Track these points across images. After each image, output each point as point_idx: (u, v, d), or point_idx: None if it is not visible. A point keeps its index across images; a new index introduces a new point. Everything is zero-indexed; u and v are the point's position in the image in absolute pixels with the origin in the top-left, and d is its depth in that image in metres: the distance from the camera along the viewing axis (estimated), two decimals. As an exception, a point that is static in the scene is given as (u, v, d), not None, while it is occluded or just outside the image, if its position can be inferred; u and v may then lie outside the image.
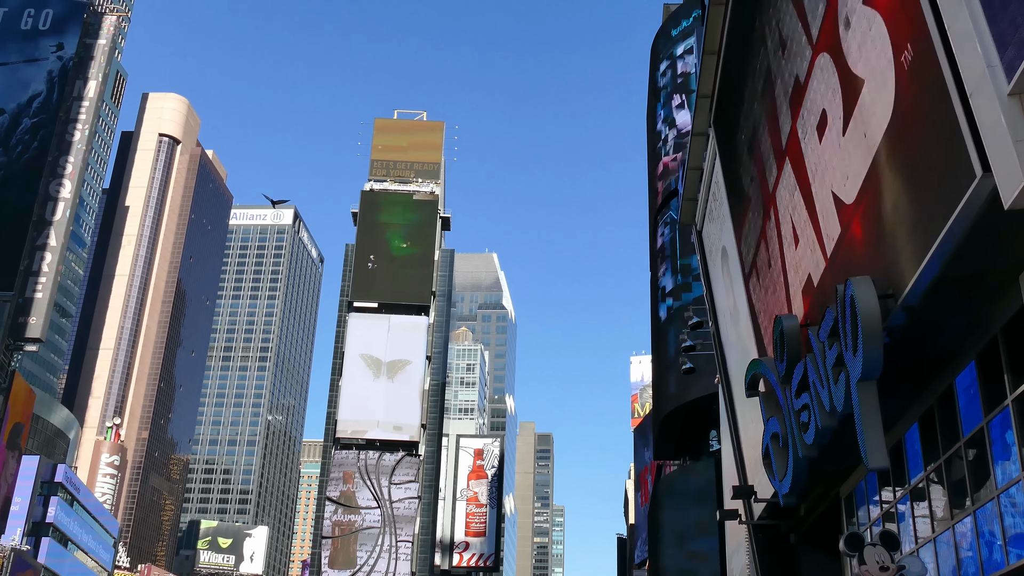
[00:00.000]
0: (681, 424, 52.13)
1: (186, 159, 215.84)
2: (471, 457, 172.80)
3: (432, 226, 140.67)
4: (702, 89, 32.97)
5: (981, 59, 12.08)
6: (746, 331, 29.38)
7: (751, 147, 27.34)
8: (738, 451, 31.96)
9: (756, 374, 23.70)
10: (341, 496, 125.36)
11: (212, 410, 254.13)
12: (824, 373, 18.24)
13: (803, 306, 22.06)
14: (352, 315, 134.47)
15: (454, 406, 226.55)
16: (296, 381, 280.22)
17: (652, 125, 62.66)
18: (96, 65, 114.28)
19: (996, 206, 12.22)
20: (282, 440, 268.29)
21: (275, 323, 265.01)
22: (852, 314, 16.21)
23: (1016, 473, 15.50)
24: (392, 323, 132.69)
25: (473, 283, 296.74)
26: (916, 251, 14.90)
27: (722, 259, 33.69)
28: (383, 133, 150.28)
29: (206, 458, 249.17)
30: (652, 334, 57.65)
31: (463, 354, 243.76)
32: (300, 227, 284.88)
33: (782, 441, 21.88)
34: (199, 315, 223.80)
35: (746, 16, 26.85)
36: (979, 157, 12.34)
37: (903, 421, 20.86)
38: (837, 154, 18.90)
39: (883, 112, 16.09)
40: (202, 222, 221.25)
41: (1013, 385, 15.55)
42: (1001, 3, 11.74)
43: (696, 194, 37.76)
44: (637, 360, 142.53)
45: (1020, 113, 11.64)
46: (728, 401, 33.63)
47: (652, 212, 60.16)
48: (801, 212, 22.15)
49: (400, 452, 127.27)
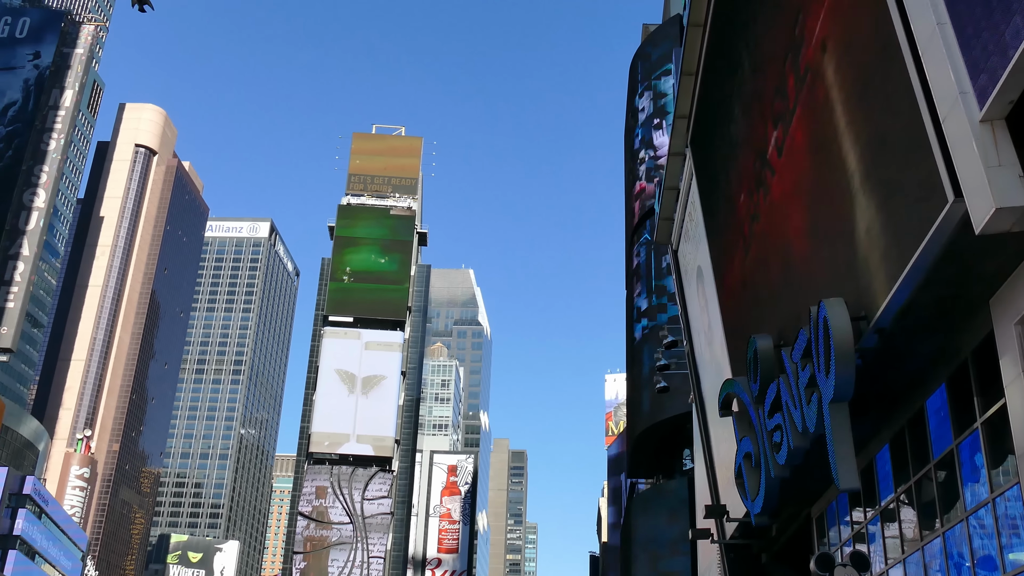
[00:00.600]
0: (655, 443, 52.20)
1: (162, 170, 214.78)
2: (444, 473, 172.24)
3: (408, 241, 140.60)
4: (680, 110, 33.19)
5: (954, 86, 12.23)
6: (720, 351, 29.49)
7: (728, 168, 27.52)
8: (711, 470, 32.03)
9: (730, 394, 23.79)
10: (313, 511, 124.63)
11: (184, 423, 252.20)
12: (797, 394, 18.35)
13: (777, 326, 22.18)
14: (327, 329, 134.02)
15: (428, 422, 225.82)
16: (270, 395, 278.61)
17: (630, 145, 62.96)
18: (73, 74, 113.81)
19: (968, 231, 12.36)
20: (254, 454, 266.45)
21: (249, 336, 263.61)
22: (825, 336, 16.33)
23: (985, 495, 15.62)
24: (367, 338, 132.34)
25: (449, 299, 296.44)
26: (888, 274, 15.03)
27: (697, 279, 33.83)
28: (361, 147, 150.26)
29: (177, 471, 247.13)
30: (627, 353, 57.78)
31: (438, 370, 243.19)
32: (276, 240, 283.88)
33: (754, 461, 21.96)
34: (173, 327, 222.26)
35: (724, 38, 27.09)
36: (951, 182, 12.48)
37: (874, 442, 20.99)
38: (812, 176, 19.06)
39: (858, 136, 16.25)
40: (177, 234, 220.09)
41: (983, 408, 15.69)
42: (974, 31, 11.91)
43: (672, 214, 37.94)
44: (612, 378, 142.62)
45: (992, 139, 11.78)
46: (702, 420, 33.71)
47: (628, 232, 60.39)
48: (776, 233, 22.31)
49: (373, 467, 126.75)
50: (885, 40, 14.40)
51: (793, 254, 21.07)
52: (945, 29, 12.52)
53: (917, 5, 13.25)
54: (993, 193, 11.55)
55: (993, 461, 15.48)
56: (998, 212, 11.54)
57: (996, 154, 11.69)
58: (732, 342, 27.70)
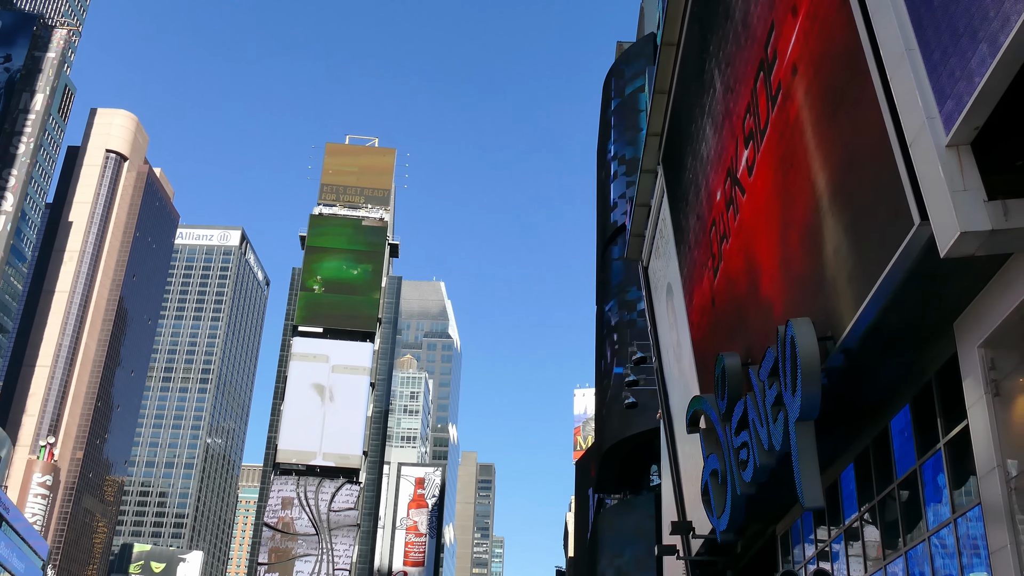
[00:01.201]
0: (622, 458, 52.30)
1: (133, 176, 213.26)
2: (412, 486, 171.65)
3: (380, 253, 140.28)
4: (652, 127, 33.38)
5: (921, 111, 12.39)
6: (688, 368, 29.63)
7: (698, 186, 27.71)
8: (678, 487, 32.13)
9: (697, 410, 23.90)
10: (279, 522, 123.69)
11: (150, 431, 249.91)
12: (763, 412, 18.47)
13: (745, 345, 22.32)
14: (296, 339, 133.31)
15: (397, 434, 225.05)
16: (237, 404, 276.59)
17: (602, 160, 63.23)
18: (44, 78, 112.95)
19: (933, 254, 12.51)
20: (220, 464, 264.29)
21: (218, 345, 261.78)
22: (792, 355, 16.46)
23: (947, 516, 15.78)
24: (337, 349, 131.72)
25: (420, 311, 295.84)
26: (855, 295, 15.19)
27: (667, 296, 33.99)
28: (334, 158, 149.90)
29: (142, 480, 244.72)
30: (596, 367, 57.87)
31: (407, 382, 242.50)
32: (247, 249, 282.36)
33: (721, 478, 22.07)
34: (140, 334, 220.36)
35: (697, 58, 27.30)
36: (917, 206, 12.63)
37: (839, 461, 21.15)
38: (782, 197, 19.23)
39: (827, 158, 16.43)
40: (147, 240, 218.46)
41: (946, 429, 15.87)
42: (941, 57, 12.09)
43: (643, 230, 38.12)
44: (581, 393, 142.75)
45: (957, 164, 11.94)
46: (669, 437, 33.82)
47: (600, 247, 60.59)
48: (745, 252, 22.48)
49: (340, 479, 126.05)
50: (855, 64, 14.58)
51: (762, 273, 21.24)
52: (913, 55, 12.69)
53: (886, 30, 13.43)
54: (958, 217, 11.70)
55: (955, 482, 15.65)
56: (963, 236, 11.70)
57: (961, 179, 11.85)
58: (700, 359, 27.85)
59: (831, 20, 15.76)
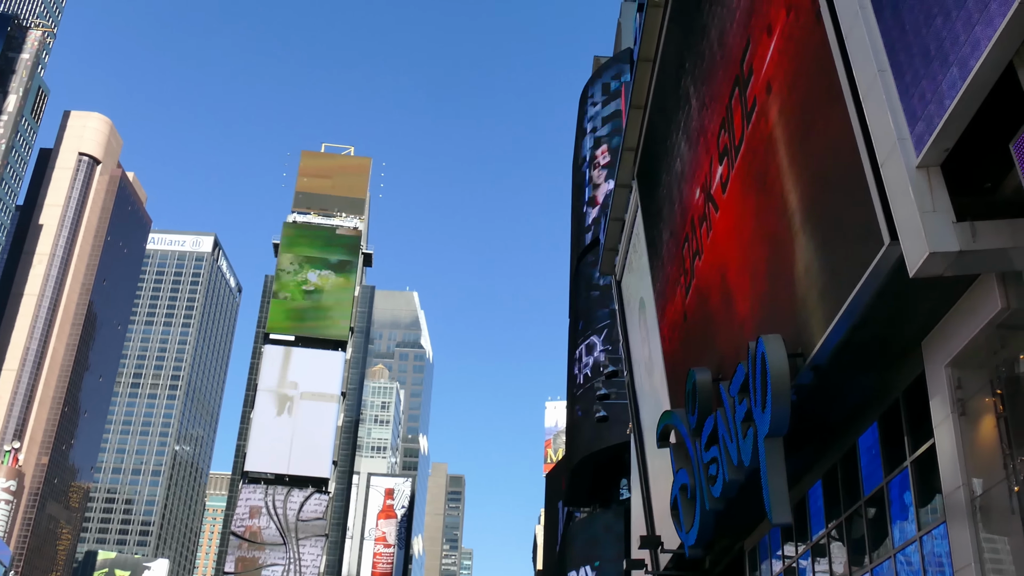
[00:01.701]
0: (592, 471, 52.30)
1: (105, 180, 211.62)
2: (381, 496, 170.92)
3: (354, 261, 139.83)
4: (627, 142, 33.51)
5: (893, 132, 12.52)
6: (660, 382, 29.70)
7: (672, 201, 27.83)
8: (647, 501, 32.16)
9: (668, 425, 23.96)
10: (246, 531, 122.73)
11: (117, 437, 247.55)
12: (733, 428, 18.54)
13: (716, 360, 22.42)
14: (268, 347, 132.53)
15: (367, 444, 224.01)
16: (206, 411, 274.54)
17: (577, 174, 63.38)
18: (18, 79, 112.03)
19: (902, 273, 12.63)
20: (188, 471, 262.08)
21: (188, 351, 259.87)
22: (762, 371, 16.55)
23: (913, 533, 15.89)
24: (308, 357, 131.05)
25: (392, 321, 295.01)
26: (825, 313, 15.30)
27: (639, 310, 34.09)
28: (309, 165, 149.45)
29: (108, 487, 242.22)
30: (568, 380, 57.91)
31: (378, 392, 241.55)
32: (219, 255, 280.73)
33: (690, 493, 22.13)
34: (110, 339, 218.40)
35: (673, 74, 27.45)
36: (888, 225, 12.75)
37: (807, 478, 21.26)
38: (755, 214, 19.36)
39: (800, 176, 16.56)
40: (118, 245, 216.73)
41: (912, 447, 16.00)
42: (913, 80, 12.23)
43: (617, 244, 38.23)
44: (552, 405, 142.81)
45: (927, 185, 12.08)
46: (639, 451, 33.87)
47: (573, 260, 60.70)
48: (718, 268, 22.59)
49: (309, 488, 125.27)
50: (828, 84, 14.73)
51: (733, 289, 21.35)
52: (885, 76, 12.83)
53: (859, 52, 13.58)
54: (927, 237, 11.82)
55: (921, 499, 15.77)
56: (932, 256, 11.82)
57: (931, 200, 11.98)
58: (672, 374, 27.93)
59: (805, 40, 15.91)
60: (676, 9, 26.85)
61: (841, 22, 14.24)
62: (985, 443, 13.77)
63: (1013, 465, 12.97)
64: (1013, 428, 13.15)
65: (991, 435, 13.61)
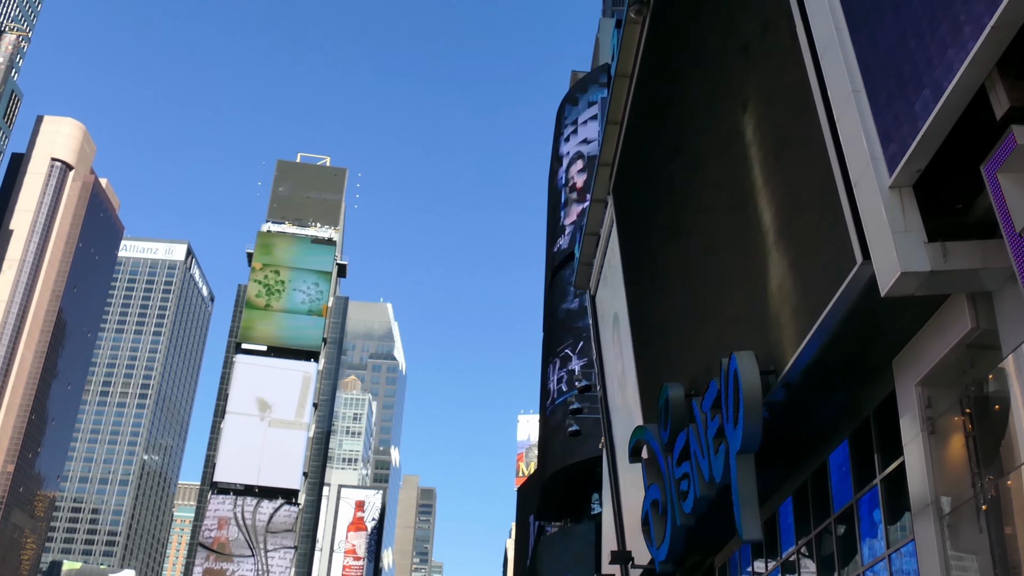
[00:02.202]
0: (564, 485, 52.26)
1: (78, 186, 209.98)
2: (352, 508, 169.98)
3: (328, 272, 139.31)
4: (603, 157, 33.63)
5: (866, 152, 12.63)
6: (633, 397, 29.74)
7: (648, 217, 27.94)
8: (618, 516, 32.16)
9: (640, 440, 23.98)
10: (214, 542, 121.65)
11: (85, 446, 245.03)
12: (705, 444, 18.59)
13: (688, 376, 22.49)
14: (239, 357, 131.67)
15: (338, 455, 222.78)
16: (176, 421, 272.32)
17: (553, 187, 63.52)
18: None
19: (874, 292, 12.72)
20: (156, 481, 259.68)
21: (158, 360, 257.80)
22: (734, 387, 16.61)
23: (882, 550, 15.97)
24: (280, 367, 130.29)
25: (365, 332, 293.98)
26: (797, 331, 15.39)
27: (613, 325, 34.14)
28: (285, 175, 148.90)
29: (74, 496, 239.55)
30: (541, 394, 57.90)
31: (350, 403, 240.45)
32: (192, 264, 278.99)
33: (661, 508, 22.14)
34: (79, 347, 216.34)
35: (650, 90, 27.60)
36: (860, 245, 12.84)
37: (778, 495, 21.34)
38: (729, 231, 19.47)
39: (774, 194, 16.67)
40: (90, 251, 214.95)
41: (882, 465, 16.09)
42: (886, 101, 12.35)
43: (592, 259, 38.30)
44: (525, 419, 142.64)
45: (900, 205, 12.18)
46: (611, 466, 33.88)
47: (548, 274, 60.76)
48: (692, 284, 22.69)
49: (279, 500, 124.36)
50: (803, 103, 14.85)
51: (707, 306, 21.44)
52: (859, 97, 12.95)
53: (834, 72, 13.71)
54: (899, 257, 11.91)
55: (890, 517, 15.86)
56: (903, 276, 11.91)
57: (903, 220, 12.08)
58: (644, 389, 27.98)
59: (781, 60, 16.05)
60: (654, 26, 27.01)
61: (816, 42, 14.36)
62: (954, 462, 13.86)
63: (981, 484, 13.07)
64: (981, 447, 13.25)
65: (960, 454, 13.71)
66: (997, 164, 10.73)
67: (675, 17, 24.59)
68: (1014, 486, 12.44)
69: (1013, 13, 9.59)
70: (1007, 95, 10.74)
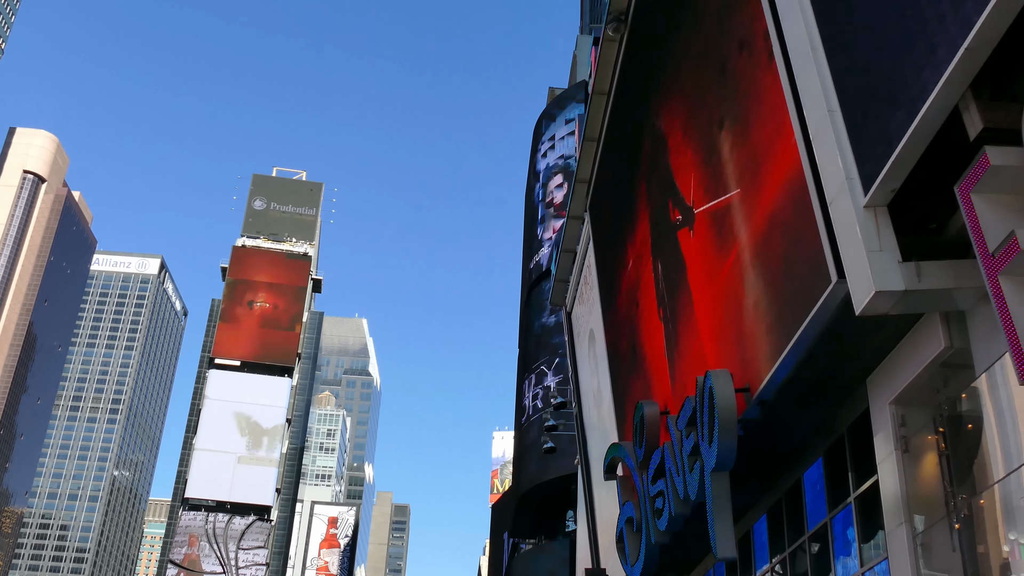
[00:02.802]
0: (539, 502, 52.10)
1: (50, 199, 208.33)
2: (325, 525, 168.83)
3: (303, 287, 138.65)
4: (580, 174, 33.69)
5: (842, 171, 12.71)
6: (608, 415, 29.73)
7: (624, 235, 27.99)
8: (593, 533, 32.09)
9: (615, 458, 23.96)
10: (185, 559, 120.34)
11: (54, 462, 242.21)
12: (680, 461, 18.58)
13: (664, 394, 22.50)
14: (212, 371, 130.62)
15: (311, 471, 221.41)
16: (147, 436, 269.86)
17: (530, 203, 63.57)
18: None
19: (849, 311, 12.78)
20: (127, 497, 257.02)
21: (130, 375, 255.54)
22: (710, 405, 16.63)
23: (855, 569, 16.00)
24: (253, 383, 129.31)
25: (340, 347, 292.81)
26: (773, 349, 15.43)
27: (589, 342, 34.14)
28: (260, 189, 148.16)
29: (43, 512, 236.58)
30: (516, 411, 57.78)
31: (325, 419, 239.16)
32: (166, 278, 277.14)
33: (636, 526, 22.11)
34: (49, 361, 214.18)
35: (627, 107, 27.70)
36: (835, 263, 12.91)
37: (752, 512, 21.35)
38: (705, 248, 19.52)
39: (750, 213, 16.74)
40: (61, 265, 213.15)
41: (856, 483, 16.13)
42: (862, 121, 12.45)
43: (568, 276, 38.33)
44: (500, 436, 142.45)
45: (874, 225, 12.25)
46: (586, 483, 33.82)
47: (524, 290, 60.75)
48: (667, 302, 22.72)
49: (251, 516, 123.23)
50: (779, 122, 14.93)
51: (682, 324, 21.48)
52: (835, 117, 13.04)
53: (810, 92, 13.79)
54: (873, 276, 11.97)
55: (864, 536, 15.89)
56: (878, 295, 11.97)
57: (878, 239, 12.15)
58: (620, 406, 27.97)
59: (758, 79, 16.14)
60: (631, 44, 27.13)
61: (793, 62, 14.46)
62: (927, 480, 13.92)
63: (954, 503, 13.12)
64: (955, 466, 13.31)
65: (933, 473, 13.77)
66: (970, 184, 10.82)
67: (652, 35, 24.72)
68: (987, 505, 12.50)
69: (986, 36, 9.70)
70: (980, 116, 10.85)
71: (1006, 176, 10.58)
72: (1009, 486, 11.80)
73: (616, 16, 27.47)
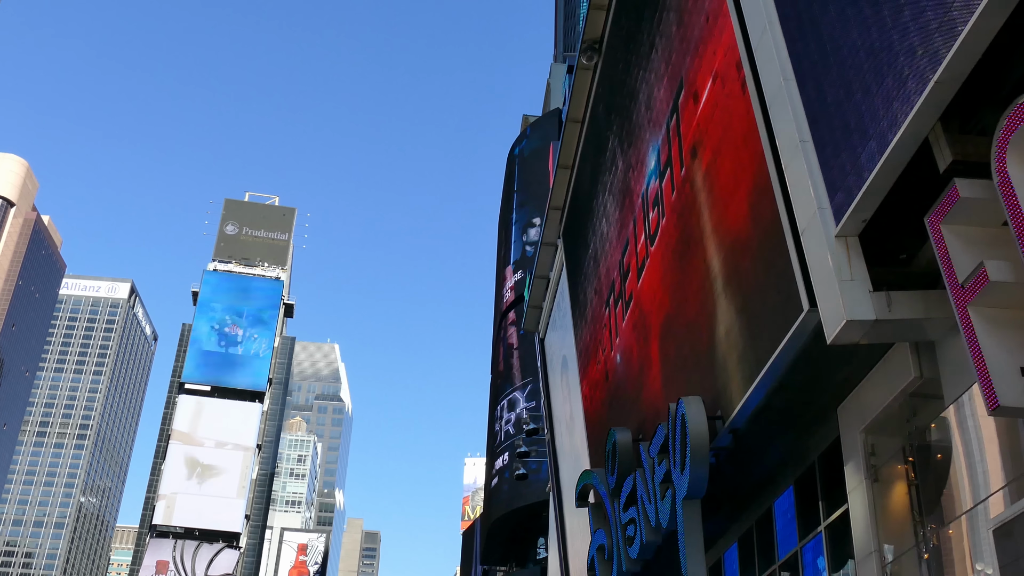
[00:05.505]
0: (510, 529, 51.88)
1: (19, 223, 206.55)
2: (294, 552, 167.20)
3: (274, 312, 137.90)
4: (554, 201, 33.81)
5: (813, 201, 12.80)
6: (580, 441, 29.69)
7: (597, 261, 28.07)
8: (564, 561, 31.96)
9: (587, 485, 23.91)
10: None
11: (20, 488, 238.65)
12: (652, 489, 18.57)
13: (636, 420, 22.50)
14: (182, 397, 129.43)
15: (281, 497, 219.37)
16: (115, 462, 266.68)
17: (503, 231, 63.67)
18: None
19: (820, 340, 12.83)
20: (94, 524, 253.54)
21: (98, 400, 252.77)
22: (682, 433, 16.64)
23: (826, 598, 16.00)
24: (223, 408, 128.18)
25: (312, 373, 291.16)
26: (744, 377, 15.47)
27: (562, 368, 34.14)
28: (232, 213, 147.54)
29: (7, 540, 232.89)
30: (488, 437, 57.60)
31: (295, 444, 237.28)
32: (136, 302, 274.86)
33: (607, 554, 22.04)
34: (16, 386, 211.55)
35: (600, 135, 27.85)
36: (807, 292, 12.98)
37: (723, 540, 21.34)
38: (677, 276, 19.60)
39: (722, 241, 16.82)
40: (30, 289, 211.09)
41: (827, 512, 16.16)
42: (833, 151, 12.56)
43: (541, 302, 38.36)
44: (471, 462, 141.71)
45: (845, 254, 12.33)
46: (558, 510, 33.72)
47: (497, 317, 60.72)
48: (639, 329, 22.76)
49: (220, 543, 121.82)
50: (752, 152, 15.04)
51: (655, 351, 21.52)
52: (807, 147, 13.15)
53: (782, 122, 13.91)
54: (844, 305, 12.04)
55: (834, 565, 15.90)
56: (848, 324, 12.04)
57: (849, 269, 12.22)
58: (592, 433, 27.94)
59: (731, 108, 16.27)
60: (605, 72, 27.32)
61: (765, 92, 14.58)
62: (897, 510, 13.96)
63: (923, 532, 13.16)
64: (924, 495, 13.36)
65: (903, 502, 13.81)
66: (940, 216, 10.93)
67: (626, 64, 24.90)
68: (955, 535, 12.54)
69: (956, 70, 9.82)
70: (950, 149, 10.98)
71: (975, 208, 10.69)
72: (977, 517, 11.85)
73: (590, 45, 27.69)
